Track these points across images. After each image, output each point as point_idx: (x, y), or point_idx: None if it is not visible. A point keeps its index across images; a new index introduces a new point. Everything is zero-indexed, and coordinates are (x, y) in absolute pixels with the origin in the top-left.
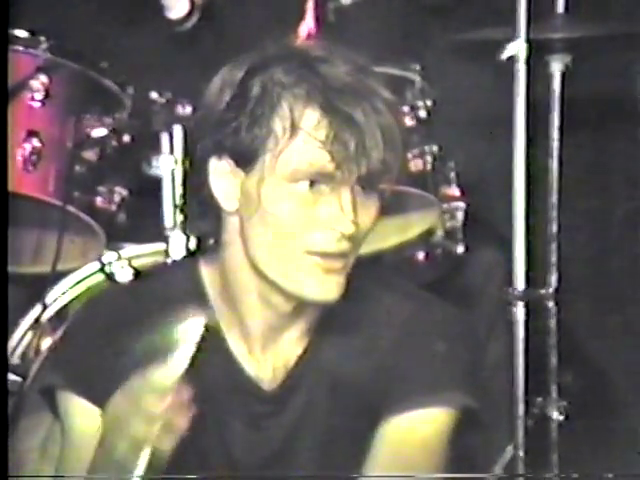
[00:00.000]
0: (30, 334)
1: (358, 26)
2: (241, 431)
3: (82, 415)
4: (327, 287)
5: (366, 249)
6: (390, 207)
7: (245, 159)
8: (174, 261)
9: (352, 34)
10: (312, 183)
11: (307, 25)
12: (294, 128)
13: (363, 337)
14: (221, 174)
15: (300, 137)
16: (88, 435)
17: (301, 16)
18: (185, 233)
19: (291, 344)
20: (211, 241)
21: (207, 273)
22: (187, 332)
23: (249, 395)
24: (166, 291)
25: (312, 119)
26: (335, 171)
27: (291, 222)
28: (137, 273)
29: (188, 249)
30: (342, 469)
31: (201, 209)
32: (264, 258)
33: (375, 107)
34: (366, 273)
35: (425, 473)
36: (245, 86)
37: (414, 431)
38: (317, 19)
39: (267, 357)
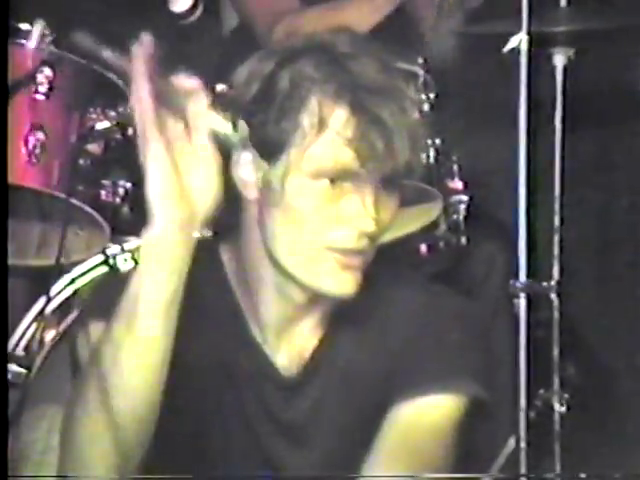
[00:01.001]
0: (34, 326)
1: None
2: (259, 413)
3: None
4: (344, 282)
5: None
6: None
7: (270, 151)
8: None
9: None
10: (333, 180)
11: None
12: (322, 125)
13: (376, 327)
14: (244, 163)
15: (327, 134)
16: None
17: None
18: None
19: (306, 334)
20: (209, 233)
21: (226, 257)
22: None
23: (268, 379)
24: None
25: (341, 117)
26: (359, 170)
27: (313, 218)
28: None
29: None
30: (355, 453)
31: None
32: (283, 250)
33: (402, 107)
34: (378, 265)
35: (432, 460)
36: (274, 79)
37: (423, 417)
38: None
39: (282, 345)
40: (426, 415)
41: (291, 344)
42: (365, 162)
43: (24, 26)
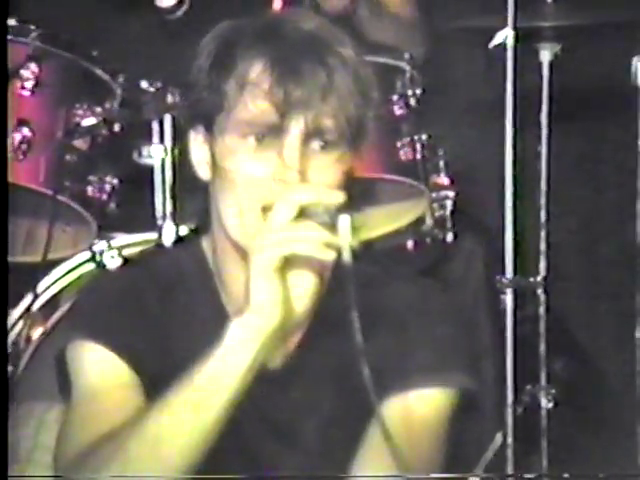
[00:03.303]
0: (21, 323)
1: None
2: (248, 407)
3: (101, 361)
4: None
5: (363, 236)
6: (380, 196)
7: (209, 123)
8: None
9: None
10: (259, 137)
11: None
12: (243, 82)
13: (366, 319)
14: (197, 144)
15: (247, 90)
16: (106, 382)
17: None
18: (175, 222)
19: None
20: (191, 226)
21: (206, 247)
22: None
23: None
24: (177, 264)
25: (257, 69)
26: (279, 122)
27: (243, 178)
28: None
29: (179, 237)
30: (345, 447)
31: (190, 182)
32: (228, 221)
33: (325, 61)
34: (367, 260)
35: (423, 453)
36: (209, 51)
37: (414, 410)
38: None
39: None
40: (417, 408)
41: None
42: (283, 113)
43: (10, 21)
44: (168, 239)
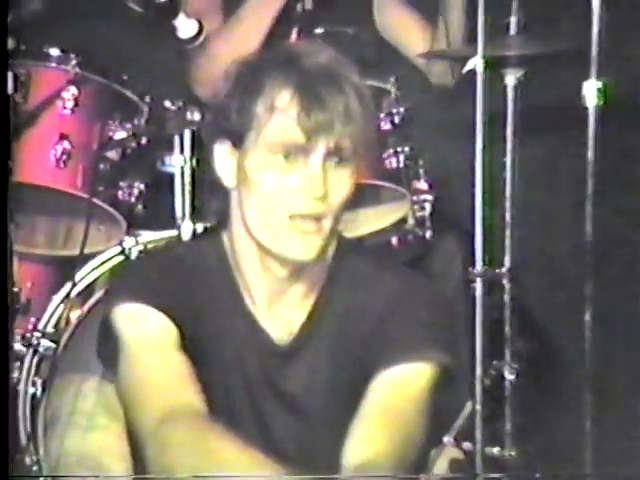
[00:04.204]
0: (62, 307)
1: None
2: (258, 379)
3: (150, 319)
4: (305, 247)
5: (350, 234)
6: (369, 199)
7: (237, 139)
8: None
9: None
10: (286, 155)
11: None
12: (272, 107)
13: (359, 306)
14: (222, 156)
15: (277, 114)
16: (155, 337)
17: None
18: (193, 221)
19: (294, 305)
20: (213, 218)
21: (226, 242)
22: None
23: (263, 347)
24: (201, 252)
25: (285, 98)
26: (305, 143)
27: (272, 189)
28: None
29: (196, 235)
30: (344, 415)
31: (213, 185)
32: (254, 223)
33: (342, 89)
34: (360, 253)
35: (409, 419)
36: (238, 78)
37: (401, 382)
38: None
39: (272, 317)
40: (403, 380)
41: (281, 316)
42: (309, 135)
43: (53, 51)
44: (186, 235)
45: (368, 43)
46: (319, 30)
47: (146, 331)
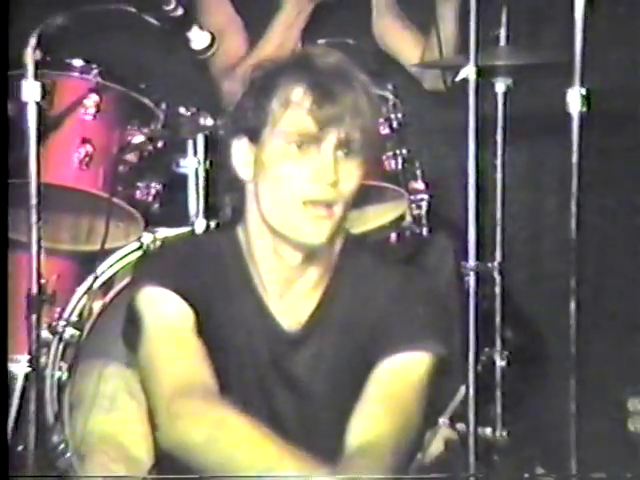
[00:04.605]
0: (85, 298)
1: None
2: (268, 363)
3: (170, 301)
4: (317, 232)
5: (354, 231)
6: (370, 199)
7: (254, 135)
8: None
9: None
10: (300, 145)
11: None
12: (287, 102)
13: (364, 297)
14: (240, 151)
15: (291, 107)
16: (174, 316)
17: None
18: (206, 218)
19: (303, 294)
20: (227, 212)
21: (241, 234)
22: None
23: (273, 333)
24: (218, 243)
25: (299, 93)
26: (318, 132)
27: (287, 177)
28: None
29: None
30: (347, 399)
31: (228, 182)
32: (269, 211)
33: (351, 85)
34: (362, 250)
35: (407, 403)
36: (252, 81)
37: (400, 370)
38: None
39: (284, 305)
40: (403, 368)
41: (291, 305)
42: (322, 126)
43: (76, 62)
44: (200, 232)
45: (367, 53)
46: (321, 41)
47: (166, 312)
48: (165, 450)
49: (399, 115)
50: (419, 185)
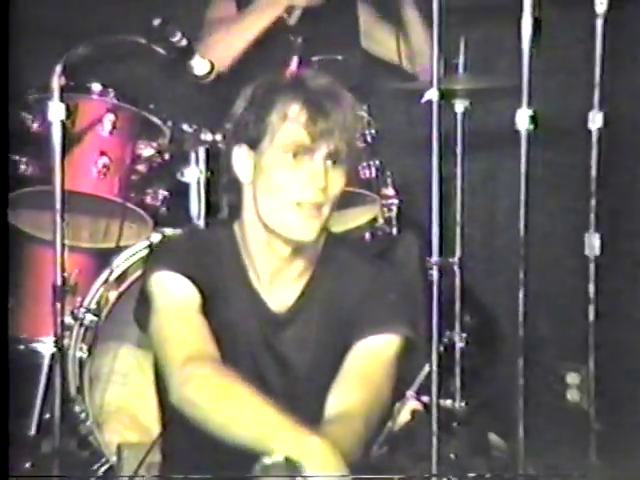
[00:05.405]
0: (102, 289)
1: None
2: (258, 341)
3: (179, 283)
4: (307, 229)
5: (334, 230)
6: (348, 203)
7: (253, 143)
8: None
9: None
10: (295, 154)
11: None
12: (285, 116)
13: (342, 286)
14: (240, 157)
15: (288, 121)
16: (183, 297)
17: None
18: (206, 220)
19: (290, 282)
20: (225, 211)
21: (237, 229)
22: None
23: (263, 315)
24: (214, 241)
25: (295, 109)
26: (311, 144)
27: (282, 182)
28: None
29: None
30: (327, 374)
31: (227, 184)
32: (265, 211)
33: (340, 104)
34: (341, 246)
35: (379, 381)
36: (253, 97)
37: (373, 350)
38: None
39: (273, 291)
40: (375, 348)
41: (279, 291)
42: (314, 138)
43: (95, 86)
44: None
45: (355, 67)
46: (315, 58)
47: (174, 292)
48: (176, 407)
49: (372, 131)
50: (390, 191)
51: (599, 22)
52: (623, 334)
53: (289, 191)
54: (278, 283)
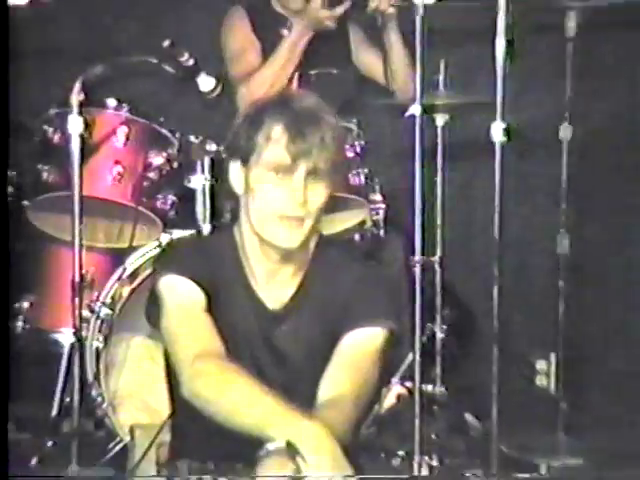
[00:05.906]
0: (116, 285)
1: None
2: (256, 336)
3: (186, 286)
4: (290, 239)
5: (326, 232)
6: (339, 207)
7: (244, 159)
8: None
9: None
10: (277, 172)
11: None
12: (268, 138)
13: (332, 284)
14: (235, 171)
15: (272, 142)
16: (190, 299)
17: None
18: (211, 223)
19: (284, 281)
20: (227, 216)
21: (237, 234)
22: None
23: (260, 312)
24: (216, 246)
25: (278, 131)
26: (291, 164)
27: (266, 197)
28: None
29: (214, 231)
30: (319, 364)
31: (228, 193)
32: (255, 221)
33: (319, 127)
34: (332, 246)
35: (366, 370)
36: (246, 116)
37: (360, 342)
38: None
39: (268, 290)
40: (363, 340)
41: (274, 290)
42: (294, 159)
43: (110, 101)
44: (206, 233)
45: (349, 80)
46: (313, 72)
47: (182, 294)
48: (186, 400)
49: (362, 142)
50: (377, 197)
51: (569, 45)
52: (587, 326)
53: (272, 205)
54: (273, 283)
